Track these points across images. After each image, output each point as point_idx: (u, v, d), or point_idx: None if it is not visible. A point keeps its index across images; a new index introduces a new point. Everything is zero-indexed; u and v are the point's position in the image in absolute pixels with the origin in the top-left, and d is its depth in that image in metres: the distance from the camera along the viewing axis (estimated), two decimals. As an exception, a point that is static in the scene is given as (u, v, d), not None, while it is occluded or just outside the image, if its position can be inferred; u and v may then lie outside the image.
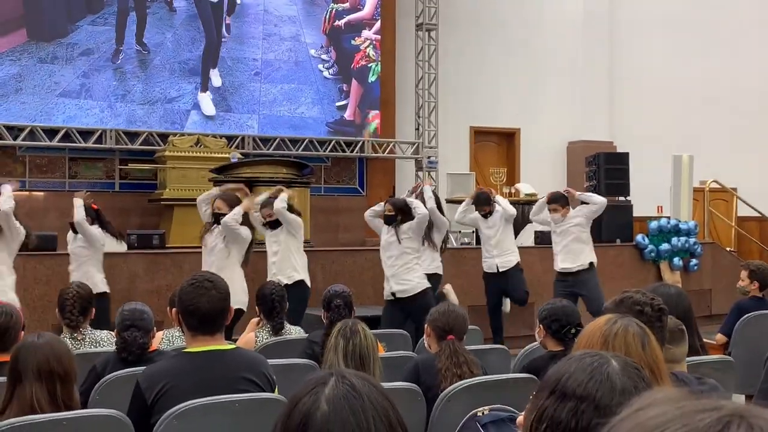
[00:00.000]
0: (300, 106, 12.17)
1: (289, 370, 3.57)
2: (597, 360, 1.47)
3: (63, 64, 10.88)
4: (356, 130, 12.52)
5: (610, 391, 1.40)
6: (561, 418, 1.40)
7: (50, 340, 2.78)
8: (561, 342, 3.65)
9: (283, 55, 12.10)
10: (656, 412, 0.72)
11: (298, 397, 1.28)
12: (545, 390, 1.46)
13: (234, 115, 11.77)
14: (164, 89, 11.38)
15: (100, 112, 11.01)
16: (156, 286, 7.88)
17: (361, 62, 12.54)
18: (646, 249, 10.53)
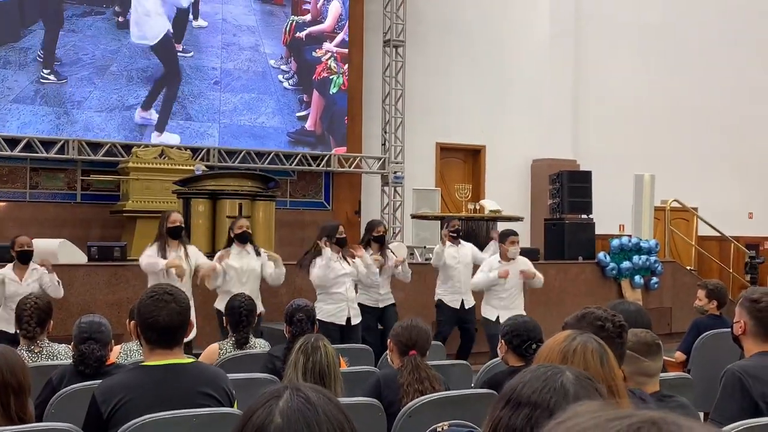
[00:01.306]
0: (260, 116, 12.15)
1: (249, 385, 3.54)
2: (551, 370, 1.50)
3: (16, 69, 10.65)
4: (317, 140, 12.52)
5: (563, 398, 1.42)
6: (516, 426, 1.41)
7: (4, 352, 2.72)
8: (522, 357, 3.66)
9: (243, 65, 12.08)
10: (574, 423, 0.75)
11: (253, 410, 1.27)
12: (501, 400, 1.48)
13: (194, 123, 11.69)
14: (122, 96, 11.24)
15: (57, 118, 10.83)
16: (116, 298, 7.78)
17: (323, 74, 12.56)
18: (608, 267, 10.64)
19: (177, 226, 6.46)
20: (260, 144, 12.05)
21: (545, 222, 11.66)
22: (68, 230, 9.84)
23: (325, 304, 6.80)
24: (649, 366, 2.97)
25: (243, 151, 11.82)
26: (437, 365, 4.11)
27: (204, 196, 8.52)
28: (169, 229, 6.42)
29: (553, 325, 2.61)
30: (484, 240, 10.91)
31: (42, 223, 10.47)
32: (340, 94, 12.66)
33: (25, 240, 6.44)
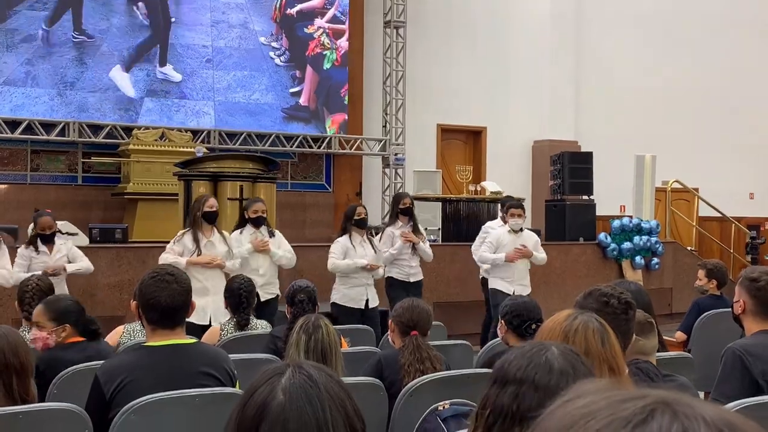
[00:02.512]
0: (254, 93, 12.14)
1: (251, 365, 3.55)
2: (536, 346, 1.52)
3: (3, 50, 10.56)
4: (311, 115, 12.50)
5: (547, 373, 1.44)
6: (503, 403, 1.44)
7: (6, 332, 2.73)
8: (522, 337, 3.66)
9: (234, 42, 12.04)
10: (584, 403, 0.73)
11: (255, 387, 1.28)
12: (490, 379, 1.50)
13: (189, 102, 11.67)
14: (114, 76, 11.17)
15: (50, 100, 10.78)
16: (118, 280, 7.80)
17: (316, 50, 12.53)
18: (609, 247, 10.64)
19: (214, 211, 6.18)
20: (255, 120, 12.05)
21: (546, 203, 11.66)
22: (69, 212, 9.84)
23: (344, 287, 6.75)
24: (644, 345, 2.98)
25: (243, 132, 11.81)
26: (438, 345, 4.12)
27: (205, 179, 8.50)
28: (206, 214, 6.13)
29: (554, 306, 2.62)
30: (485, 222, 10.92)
31: (43, 205, 10.44)
32: (334, 69, 12.64)
33: (47, 222, 6.24)
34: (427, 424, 2.55)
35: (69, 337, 3.69)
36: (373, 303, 6.79)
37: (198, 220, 6.12)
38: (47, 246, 6.23)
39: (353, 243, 6.75)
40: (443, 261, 8.45)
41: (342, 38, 12.74)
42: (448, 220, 10.78)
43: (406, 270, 7.29)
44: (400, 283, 7.19)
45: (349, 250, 6.72)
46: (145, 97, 11.39)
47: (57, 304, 3.78)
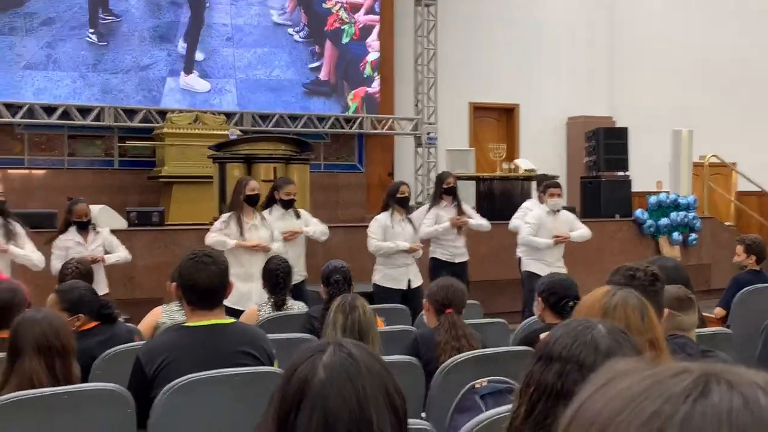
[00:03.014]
0: (275, 70, 12.16)
1: (288, 345, 3.58)
2: (583, 324, 1.50)
3: (23, 34, 10.58)
4: (331, 89, 12.50)
5: (593, 352, 1.43)
6: (547, 381, 1.43)
7: (48, 316, 2.79)
8: (559, 315, 3.65)
9: (252, 20, 12.04)
10: (628, 383, 0.70)
11: (296, 364, 1.29)
12: (534, 356, 1.49)
13: (212, 80, 11.73)
14: (136, 57, 11.24)
15: (72, 82, 10.84)
16: (156, 262, 7.89)
17: (335, 24, 12.51)
18: (645, 224, 10.54)
19: (256, 194, 6.15)
20: (277, 96, 12.08)
21: (581, 180, 11.56)
22: (107, 196, 9.96)
23: (385, 267, 6.66)
24: (683, 320, 2.96)
25: (276, 114, 11.84)
26: (474, 324, 4.13)
27: (239, 161, 8.55)
28: (249, 197, 6.10)
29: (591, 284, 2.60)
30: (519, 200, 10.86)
31: (80, 190, 10.59)
32: (352, 43, 12.62)
33: (83, 210, 6.25)
34: (465, 402, 2.56)
35: (84, 325, 3.69)
36: (416, 283, 6.66)
37: (240, 204, 6.08)
38: (82, 234, 6.25)
39: (393, 222, 6.63)
40: (478, 239, 8.41)
41: (359, 12, 12.69)
42: (482, 199, 10.73)
43: (451, 251, 7.22)
44: (445, 264, 7.07)
45: (388, 229, 6.60)
46: (167, 77, 11.45)
47: (70, 293, 3.75)
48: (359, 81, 12.65)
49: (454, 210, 7.25)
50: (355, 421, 1.24)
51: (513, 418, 1.48)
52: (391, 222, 6.61)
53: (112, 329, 3.75)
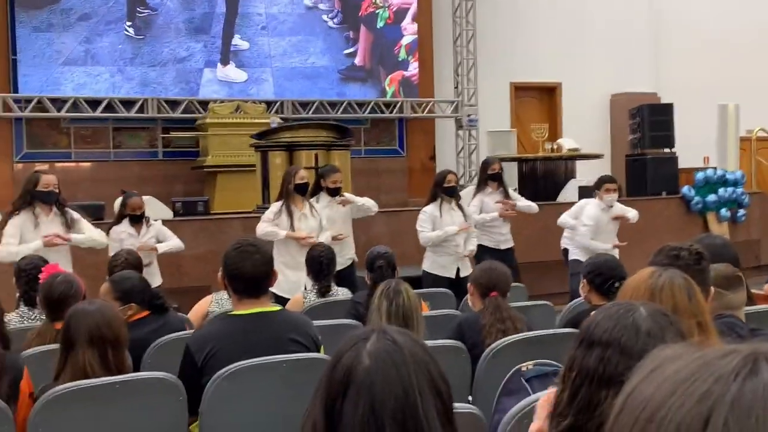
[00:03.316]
0: (310, 57, 12.18)
1: (334, 331, 3.61)
2: (624, 307, 1.49)
3: (61, 31, 10.72)
4: (366, 75, 12.49)
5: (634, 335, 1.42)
6: (589, 366, 1.42)
7: (101, 307, 2.84)
8: (605, 296, 3.63)
9: (286, 8, 12.07)
10: (676, 367, 0.70)
11: (342, 352, 1.31)
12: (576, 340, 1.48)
13: (248, 69, 11.81)
14: (173, 50, 11.35)
15: (111, 77, 10.99)
16: (202, 252, 8.00)
17: (368, 9, 12.48)
18: (693, 201, 10.38)
19: (305, 183, 6.13)
20: (313, 84, 12.11)
21: (626, 158, 11.42)
22: (152, 187, 10.10)
23: (435, 255, 6.59)
24: (732, 299, 2.92)
25: (316, 101, 11.88)
26: (520, 306, 4.12)
27: (281, 149, 8.62)
28: (298, 186, 6.08)
29: (637, 263, 2.58)
30: (562, 180, 10.78)
31: (126, 181, 10.76)
32: (387, 27, 12.58)
33: (137, 203, 6.28)
34: (511, 385, 2.56)
35: (135, 315, 3.75)
36: (465, 272, 6.49)
37: (290, 193, 6.07)
38: (135, 227, 6.31)
39: (441, 211, 6.54)
40: (522, 221, 8.36)
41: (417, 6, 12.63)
42: (524, 180, 10.66)
43: (496, 237, 7.16)
44: (491, 251, 6.96)
45: (437, 219, 6.51)
46: (204, 68, 11.55)
47: (122, 283, 3.81)
48: (394, 65, 12.62)
49: (499, 196, 7.17)
50: (400, 406, 1.25)
51: (557, 403, 1.48)
52: (439, 212, 6.53)
53: (163, 318, 3.81)
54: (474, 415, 2.35)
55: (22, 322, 4.14)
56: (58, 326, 3.35)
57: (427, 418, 1.26)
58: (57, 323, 3.46)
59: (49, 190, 5.52)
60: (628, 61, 13.81)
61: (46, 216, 5.53)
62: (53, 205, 5.57)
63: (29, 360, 3.10)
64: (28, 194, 5.51)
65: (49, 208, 5.56)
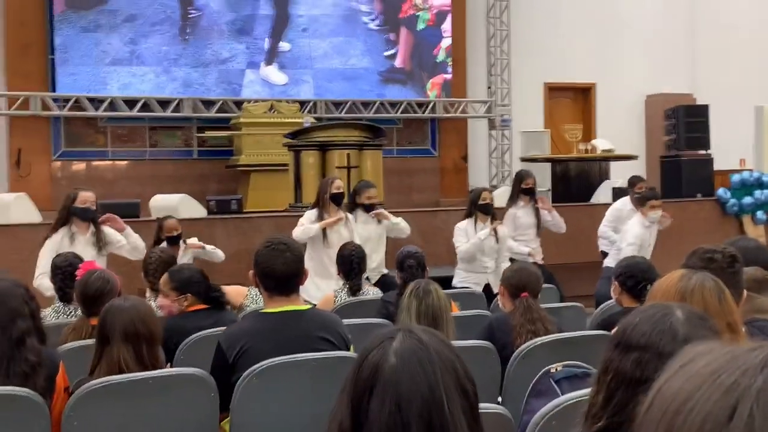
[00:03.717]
0: (351, 58, 12.24)
1: (364, 330, 3.63)
2: (661, 310, 1.48)
3: (108, 31, 10.90)
4: (407, 77, 12.50)
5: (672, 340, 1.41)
6: (626, 369, 1.41)
7: (135, 303, 2.88)
8: (636, 298, 3.61)
9: (328, 10, 12.13)
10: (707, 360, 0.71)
11: (368, 350, 1.33)
12: (612, 342, 1.48)
13: (289, 71, 11.89)
14: (216, 51, 11.47)
15: (156, 77, 11.14)
16: (235, 250, 8.05)
17: (409, 11, 12.48)
18: (728, 203, 10.25)
19: (341, 193, 6.09)
20: (353, 85, 12.16)
21: (661, 159, 11.29)
22: (187, 186, 10.21)
23: (464, 272, 6.52)
24: (763, 302, 2.89)
25: (349, 101, 11.93)
26: (550, 307, 4.10)
27: (313, 148, 8.66)
28: (333, 195, 6.03)
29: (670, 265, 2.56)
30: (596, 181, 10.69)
31: (162, 179, 10.91)
32: (428, 29, 12.58)
33: (173, 225, 6.22)
34: (540, 386, 2.56)
35: (192, 306, 3.84)
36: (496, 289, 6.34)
37: (326, 202, 6.04)
38: (174, 249, 6.32)
39: (476, 228, 6.42)
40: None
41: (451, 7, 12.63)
42: (557, 181, 10.60)
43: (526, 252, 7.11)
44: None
45: (470, 236, 6.40)
46: (246, 69, 11.63)
47: (180, 273, 3.93)
48: (433, 67, 12.62)
49: (531, 211, 7.11)
50: (426, 404, 1.26)
51: (591, 405, 1.48)
52: (474, 229, 6.42)
53: (218, 315, 3.85)
54: (502, 415, 2.35)
55: (58, 317, 4.21)
56: (93, 322, 3.41)
57: (453, 417, 1.27)
58: (92, 319, 3.52)
59: (86, 206, 5.50)
60: (663, 61, 13.67)
61: (82, 235, 5.48)
62: (90, 223, 5.55)
63: (65, 355, 3.16)
64: (66, 210, 5.51)
65: (86, 226, 5.53)
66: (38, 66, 10.74)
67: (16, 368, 2.63)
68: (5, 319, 2.65)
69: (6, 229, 7.70)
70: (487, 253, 6.45)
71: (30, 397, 2.59)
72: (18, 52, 10.66)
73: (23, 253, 7.49)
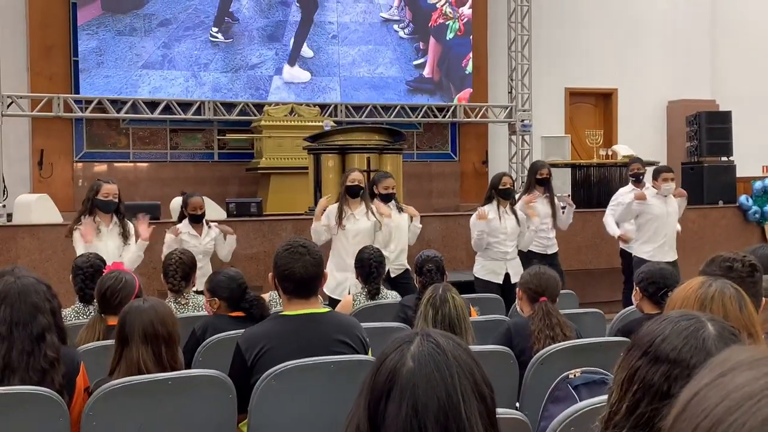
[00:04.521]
0: (378, 67, 12.21)
1: (382, 333, 3.63)
2: (693, 324, 1.44)
3: (142, 35, 11.01)
4: (435, 87, 12.47)
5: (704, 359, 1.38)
6: (653, 381, 1.39)
7: (155, 305, 2.90)
8: (657, 305, 3.59)
9: (358, 17, 12.13)
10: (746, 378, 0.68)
11: (386, 354, 1.33)
12: (638, 349, 1.45)
13: (316, 78, 11.89)
14: (245, 57, 11.51)
15: (185, 81, 11.21)
16: (255, 252, 8.10)
17: (439, 20, 12.45)
18: (750, 210, 10.17)
19: (355, 185, 6.07)
20: (380, 94, 12.14)
21: (682, 166, 11.22)
22: (207, 188, 10.27)
23: (484, 259, 6.55)
24: (784, 311, 2.85)
25: (369, 105, 11.94)
26: (570, 313, 4.08)
27: (333, 152, 8.68)
28: (348, 188, 6.07)
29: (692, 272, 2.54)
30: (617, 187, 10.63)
31: (183, 181, 10.98)
32: (456, 39, 12.55)
33: (198, 203, 6.30)
34: (558, 392, 2.55)
35: (222, 310, 3.97)
36: (515, 278, 6.24)
37: (343, 195, 6.10)
38: (196, 228, 6.32)
39: (498, 213, 6.46)
40: (574, 228, 8.28)
41: (465, 6, 12.61)
42: (578, 186, 10.55)
43: (543, 242, 7.10)
44: (537, 255, 6.88)
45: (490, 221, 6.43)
46: (274, 75, 11.68)
47: (213, 276, 4.12)
48: (461, 80, 12.58)
49: (546, 201, 7.14)
50: (443, 408, 1.26)
51: (612, 413, 1.45)
52: (497, 214, 6.46)
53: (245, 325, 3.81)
54: (519, 420, 2.34)
55: (78, 317, 4.24)
56: (111, 322, 3.44)
57: (470, 421, 1.26)
58: (109, 318, 3.55)
59: (108, 199, 5.61)
60: (685, 67, 13.59)
61: (106, 226, 5.61)
62: (113, 215, 5.67)
63: (84, 355, 3.18)
64: (89, 201, 5.64)
65: (109, 217, 5.65)
66: (61, 68, 10.84)
67: (36, 364, 2.65)
68: (27, 315, 2.67)
69: (28, 229, 7.78)
70: (510, 237, 6.47)
71: (50, 396, 2.61)
72: (41, 54, 10.77)
73: (45, 253, 7.57)
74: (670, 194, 7.15)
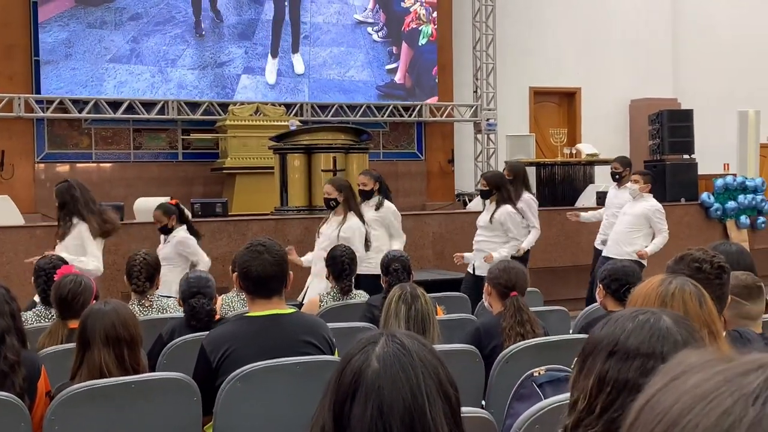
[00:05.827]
0: (350, 70, 12.12)
1: (349, 333, 3.62)
2: (650, 317, 1.46)
3: (112, 29, 10.87)
4: (407, 93, 12.45)
5: (674, 346, 1.39)
6: (628, 377, 1.38)
7: (116, 307, 2.86)
8: (620, 302, 3.62)
9: (332, 18, 12.02)
10: (697, 380, 0.68)
11: (350, 355, 1.32)
12: (602, 352, 1.44)
13: (284, 79, 11.77)
14: (214, 54, 11.41)
15: (151, 77, 11.08)
16: (219, 253, 8.02)
17: (412, 24, 12.42)
18: (712, 207, 10.31)
19: (325, 198, 6.04)
20: (350, 98, 12.06)
21: (645, 164, 11.34)
22: (172, 188, 10.17)
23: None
24: (750, 309, 2.90)
25: (335, 104, 11.91)
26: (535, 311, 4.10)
27: (299, 151, 8.66)
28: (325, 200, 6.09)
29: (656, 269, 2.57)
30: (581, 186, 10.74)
31: (147, 182, 10.87)
32: (428, 45, 12.51)
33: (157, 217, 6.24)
34: (523, 390, 2.56)
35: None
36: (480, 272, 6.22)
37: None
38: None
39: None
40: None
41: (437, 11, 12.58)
42: (543, 185, 10.64)
43: None
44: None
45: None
46: (242, 74, 11.58)
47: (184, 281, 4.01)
48: (431, 87, 12.54)
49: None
50: (408, 409, 1.26)
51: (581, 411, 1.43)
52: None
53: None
54: (485, 419, 2.35)
55: (40, 320, 4.18)
56: (72, 325, 3.39)
57: (435, 422, 1.26)
58: (68, 321, 3.50)
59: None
60: (648, 66, 13.75)
61: None
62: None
63: (45, 359, 3.13)
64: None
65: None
66: (22, 67, 10.66)
67: (-5, 366, 2.61)
68: (-15, 318, 2.63)
69: (-12, 232, 7.64)
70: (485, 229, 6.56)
71: (10, 400, 2.57)
72: (1, 54, 10.58)
73: (7, 255, 7.45)
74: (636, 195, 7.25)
